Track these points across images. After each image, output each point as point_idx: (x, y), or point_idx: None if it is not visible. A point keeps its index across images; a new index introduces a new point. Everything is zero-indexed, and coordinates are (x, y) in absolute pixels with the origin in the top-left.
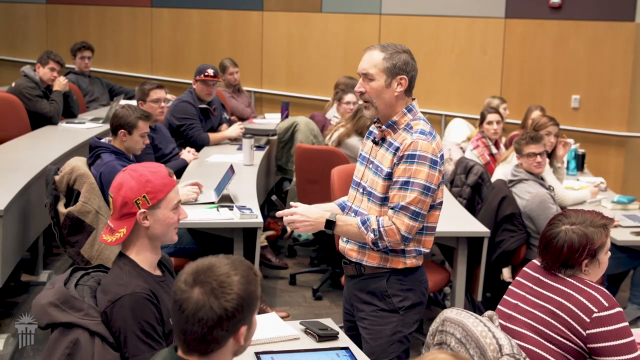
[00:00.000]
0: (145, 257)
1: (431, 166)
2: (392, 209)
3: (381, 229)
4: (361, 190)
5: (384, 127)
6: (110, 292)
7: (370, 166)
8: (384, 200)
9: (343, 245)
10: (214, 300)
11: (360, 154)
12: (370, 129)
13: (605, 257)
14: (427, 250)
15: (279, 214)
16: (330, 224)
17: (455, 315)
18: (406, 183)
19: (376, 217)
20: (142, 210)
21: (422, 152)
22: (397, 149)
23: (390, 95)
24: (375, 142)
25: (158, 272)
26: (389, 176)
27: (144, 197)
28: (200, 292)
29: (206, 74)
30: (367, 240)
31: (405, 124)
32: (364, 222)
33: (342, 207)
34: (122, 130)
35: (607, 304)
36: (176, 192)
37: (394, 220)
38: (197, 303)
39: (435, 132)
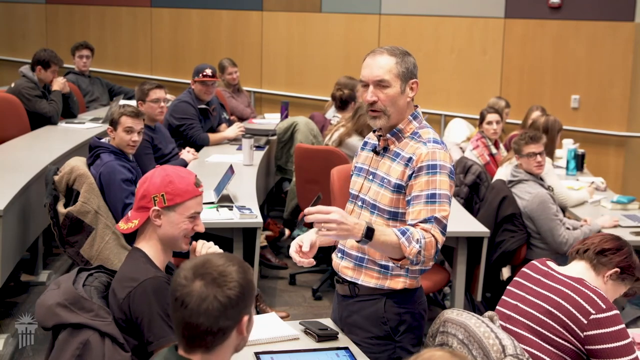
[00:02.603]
0: (155, 254)
1: (450, 176)
2: (424, 222)
3: (422, 240)
4: (360, 203)
5: (388, 135)
6: (130, 278)
7: (371, 177)
8: (392, 214)
9: (337, 261)
10: (217, 289)
11: (356, 166)
12: (366, 139)
13: (622, 290)
14: (429, 267)
15: (309, 210)
16: (370, 231)
17: (457, 316)
18: (433, 196)
19: (415, 228)
20: (157, 207)
21: (442, 162)
22: (409, 159)
23: (404, 101)
24: (376, 152)
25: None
26: (399, 188)
27: (162, 195)
28: (201, 284)
29: (204, 74)
30: (407, 253)
31: (411, 132)
32: (403, 233)
33: None
34: (109, 127)
35: (604, 306)
36: (198, 203)
37: (433, 232)
38: (201, 295)
39: (444, 142)
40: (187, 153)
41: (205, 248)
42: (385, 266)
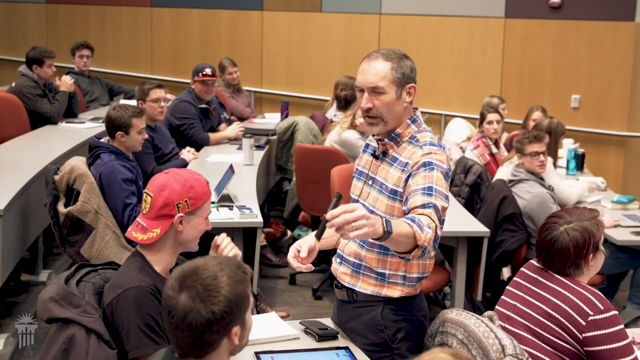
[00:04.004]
0: (162, 260)
1: (445, 177)
2: (422, 207)
3: (431, 225)
4: None
5: (386, 140)
6: (117, 285)
7: (371, 182)
8: None
9: (336, 267)
10: (200, 304)
11: (357, 169)
12: (368, 141)
13: (602, 248)
14: (428, 274)
15: (333, 213)
16: (389, 224)
17: (456, 316)
18: (430, 189)
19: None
20: (181, 214)
21: (438, 161)
22: (406, 164)
23: (400, 106)
24: (375, 156)
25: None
26: (394, 194)
27: (185, 201)
28: (186, 296)
29: (204, 73)
30: (421, 241)
31: (409, 136)
32: (412, 220)
33: None
34: (119, 132)
35: (602, 307)
36: (210, 203)
37: (433, 218)
38: (185, 308)
39: (443, 144)
40: (187, 153)
41: (228, 249)
42: (382, 274)
